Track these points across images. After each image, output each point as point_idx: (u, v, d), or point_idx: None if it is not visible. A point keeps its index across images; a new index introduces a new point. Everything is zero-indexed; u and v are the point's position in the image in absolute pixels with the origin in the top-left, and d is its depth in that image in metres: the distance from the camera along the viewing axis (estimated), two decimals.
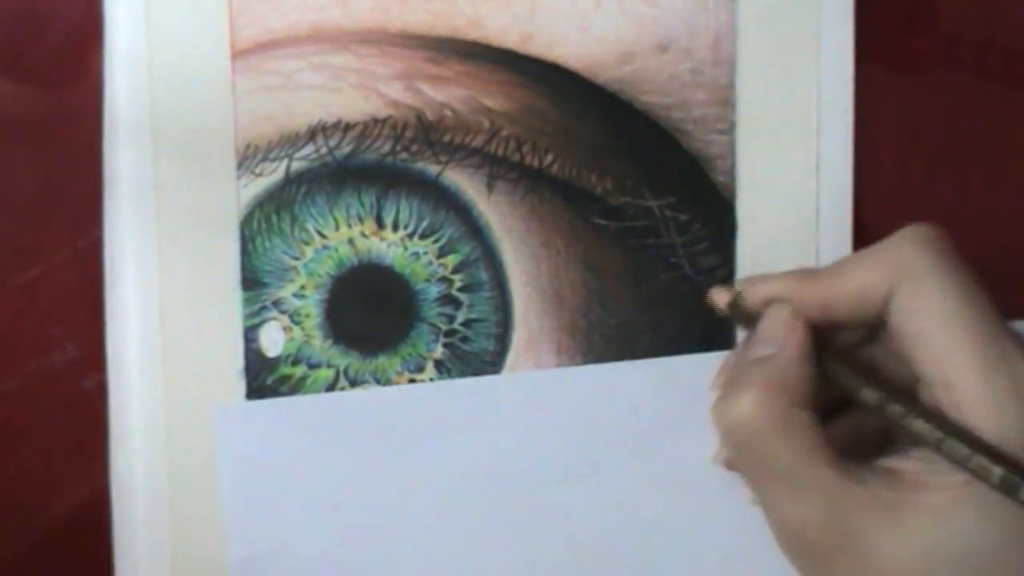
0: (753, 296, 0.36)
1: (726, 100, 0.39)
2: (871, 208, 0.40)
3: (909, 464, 0.34)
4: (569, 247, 0.38)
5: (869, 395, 0.34)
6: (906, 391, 0.34)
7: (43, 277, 0.36)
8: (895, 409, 0.34)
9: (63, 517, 0.37)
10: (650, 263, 0.39)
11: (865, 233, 0.40)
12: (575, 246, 0.38)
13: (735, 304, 0.36)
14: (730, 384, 0.35)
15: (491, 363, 0.38)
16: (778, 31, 0.39)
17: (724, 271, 0.39)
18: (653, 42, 0.38)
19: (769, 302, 0.36)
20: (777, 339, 0.35)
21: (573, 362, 0.39)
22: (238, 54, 0.36)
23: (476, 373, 0.38)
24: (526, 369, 0.38)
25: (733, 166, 0.39)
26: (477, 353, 0.38)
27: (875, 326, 0.35)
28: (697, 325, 0.39)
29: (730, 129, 0.39)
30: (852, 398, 0.35)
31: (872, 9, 0.39)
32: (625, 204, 0.39)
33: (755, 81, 0.39)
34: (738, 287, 0.37)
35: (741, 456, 0.35)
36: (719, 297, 0.37)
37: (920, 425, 0.33)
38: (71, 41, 0.36)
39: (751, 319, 0.36)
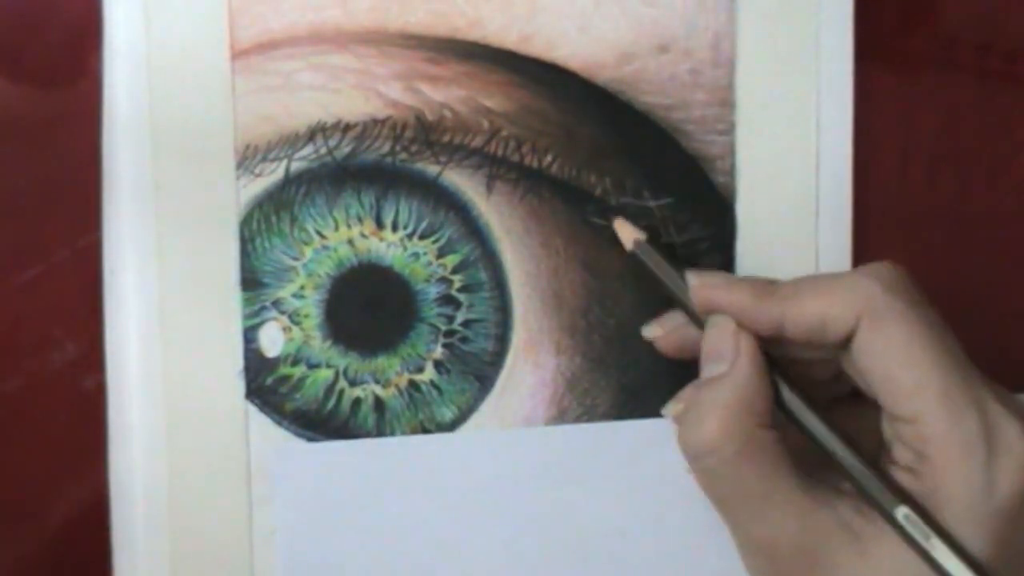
0: (703, 297, 0.36)
1: (726, 100, 0.39)
2: (871, 208, 0.40)
3: None
4: (568, 247, 0.38)
5: (828, 444, 0.35)
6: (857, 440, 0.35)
7: (43, 277, 0.36)
8: (843, 459, 0.34)
9: (63, 517, 0.37)
10: None
11: (865, 233, 0.40)
12: (574, 246, 0.38)
13: (642, 249, 0.37)
14: (692, 407, 0.35)
15: (491, 363, 0.38)
16: (778, 31, 0.39)
17: (724, 271, 0.39)
18: (653, 42, 0.38)
19: (714, 308, 0.36)
20: (726, 355, 0.35)
21: (572, 362, 0.39)
22: (238, 54, 0.36)
23: (476, 373, 0.38)
24: (525, 369, 0.38)
25: (733, 166, 0.39)
26: (476, 353, 0.38)
27: (831, 351, 0.35)
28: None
29: (730, 129, 0.39)
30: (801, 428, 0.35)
31: (872, 9, 0.39)
32: (625, 204, 0.39)
33: (755, 81, 0.39)
34: (689, 280, 0.36)
35: (709, 481, 0.35)
36: (624, 230, 0.37)
37: (869, 486, 0.34)
38: (71, 41, 0.36)
39: (659, 283, 0.37)
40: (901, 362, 0.33)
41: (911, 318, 0.33)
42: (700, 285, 0.36)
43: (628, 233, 0.37)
